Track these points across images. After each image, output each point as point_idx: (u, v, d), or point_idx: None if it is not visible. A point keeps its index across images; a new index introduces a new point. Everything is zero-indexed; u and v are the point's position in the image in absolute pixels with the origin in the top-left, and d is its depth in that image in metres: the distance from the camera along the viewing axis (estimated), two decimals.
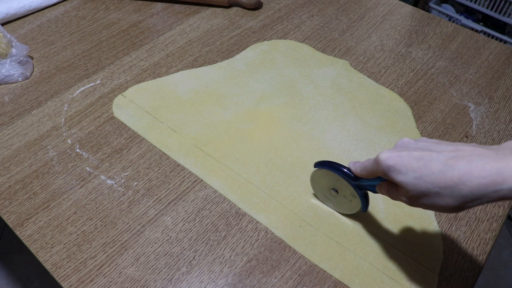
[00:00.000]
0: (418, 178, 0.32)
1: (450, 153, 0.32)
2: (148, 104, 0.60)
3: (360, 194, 0.43)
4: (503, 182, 0.29)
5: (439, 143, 0.34)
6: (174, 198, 0.50)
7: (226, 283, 0.43)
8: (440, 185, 0.31)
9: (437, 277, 0.44)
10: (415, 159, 0.33)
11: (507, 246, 1.28)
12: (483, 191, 0.30)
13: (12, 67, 0.62)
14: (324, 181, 0.47)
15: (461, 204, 0.31)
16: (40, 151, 0.54)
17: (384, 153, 0.35)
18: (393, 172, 0.34)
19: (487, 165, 0.30)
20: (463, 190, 0.30)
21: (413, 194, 0.34)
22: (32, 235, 0.46)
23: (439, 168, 0.31)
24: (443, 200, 0.32)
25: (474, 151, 0.31)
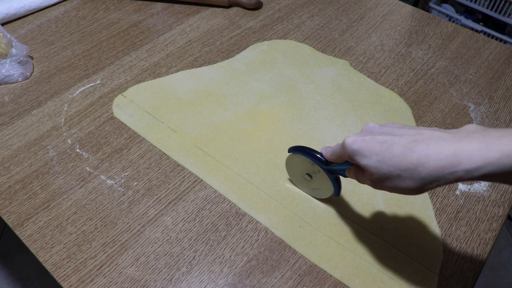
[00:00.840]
0: (381, 161, 0.33)
1: (411, 137, 0.33)
2: (148, 104, 0.60)
3: (332, 178, 0.45)
4: (459, 164, 0.30)
5: (402, 128, 0.35)
6: (174, 198, 0.50)
7: (226, 283, 0.43)
8: (401, 168, 0.32)
9: (437, 277, 0.44)
10: (378, 143, 0.34)
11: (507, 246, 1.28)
12: (440, 173, 0.31)
13: (12, 67, 0.62)
14: (299, 166, 0.48)
15: (421, 186, 0.32)
16: (40, 151, 0.54)
17: (349, 137, 0.36)
18: (357, 156, 0.35)
19: (444, 148, 0.31)
20: (422, 172, 0.32)
21: (376, 177, 0.35)
22: (32, 235, 0.46)
23: (400, 151, 0.32)
24: (404, 182, 0.33)
25: (433, 134, 0.32)
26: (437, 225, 0.48)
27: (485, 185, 0.52)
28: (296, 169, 0.49)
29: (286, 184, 0.51)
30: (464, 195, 0.51)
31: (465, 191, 0.52)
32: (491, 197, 0.51)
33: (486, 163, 0.29)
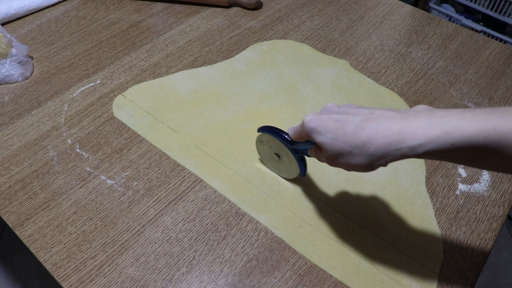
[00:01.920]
0: (334, 138, 0.35)
1: (363, 116, 0.35)
2: (148, 104, 0.60)
3: (297, 158, 0.46)
4: (403, 141, 0.32)
5: (358, 108, 0.37)
6: (174, 198, 0.50)
7: (226, 283, 0.43)
8: (352, 145, 0.34)
9: (437, 277, 0.44)
10: (333, 121, 0.36)
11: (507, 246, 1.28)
12: (387, 150, 0.32)
13: (12, 67, 0.63)
14: (267, 145, 0.50)
15: (370, 162, 0.34)
16: (40, 151, 0.54)
17: (308, 116, 0.38)
18: (314, 133, 0.37)
19: (391, 126, 0.32)
20: (370, 149, 0.33)
21: (330, 153, 0.36)
22: (32, 235, 0.46)
23: (351, 129, 0.34)
24: (355, 158, 0.35)
25: (384, 114, 0.34)
26: (437, 225, 0.48)
27: (485, 185, 0.52)
28: (264, 148, 0.51)
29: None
30: (464, 195, 0.51)
31: (465, 191, 0.52)
32: (491, 197, 0.51)
33: (428, 140, 0.31)
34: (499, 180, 0.53)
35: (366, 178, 0.52)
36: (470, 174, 0.54)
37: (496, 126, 0.29)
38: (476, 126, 0.30)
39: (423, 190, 0.51)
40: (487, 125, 0.30)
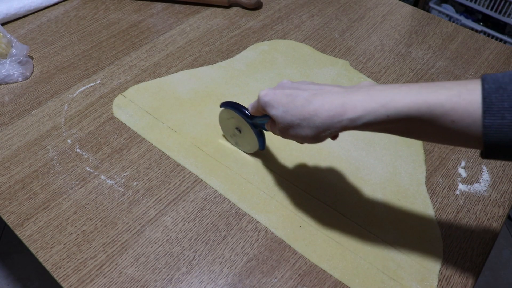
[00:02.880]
0: (285, 111, 0.38)
1: (312, 91, 0.37)
2: (148, 104, 0.60)
3: (256, 132, 0.49)
4: (344, 114, 0.34)
5: (310, 84, 0.39)
6: (174, 198, 0.50)
7: (226, 283, 0.43)
8: (300, 117, 0.37)
9: (437, 277, 0.44)
10: (285, 96, 0.38)
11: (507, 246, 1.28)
12: (330, 122, 0.35)
13: (12, 67, 0.63)
14: (229, 121, 0.52)
15: (317, 134, 0.37)
16: (40, 151, 0.54)
17: (263, 91, 0.41)
18: (268, 107, 0.40)
19: (335, 100, 0.35)
20: (316, 121, 0.36)
21: (282, 126, 0.39)
22: (32, 235, 0.46)
23: (301, 103, 0.37)
24: (303, 130, 0.37)
25: (332, 89, 0.37)
26: (437, 225, 0.48)
27: (485, 185, 0.53)
28: (227, 123, 0.53)
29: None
30: (464, 195, 0.51)
31: (465, 191, 0.52)
32: (491, 197, 0.51)
33: (366, 112, 0.34)
34: (499, 180, 0.53)
35: (366, 178, 0.52)
36: (470, 174, 0.54)
37: (427, 99, 0.32)
38: (409, 100, 0.32)
39: (423, 190, 0.51)
40: (418, 99, 0.32)
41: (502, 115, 0.29)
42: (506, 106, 0.29)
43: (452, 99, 0.31)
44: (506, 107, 0.29)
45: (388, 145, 0.56)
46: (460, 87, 0.31)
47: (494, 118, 0.30)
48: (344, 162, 0.54)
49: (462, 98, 0.31)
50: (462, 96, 0.31)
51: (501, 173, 0.54)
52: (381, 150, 0.56)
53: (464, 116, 0.31)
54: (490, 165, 0.55)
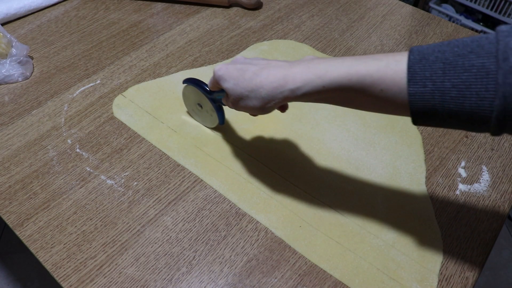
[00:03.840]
0: (236, 84, 0.40)
1: (260, 66, 0.40)
2: (148, 104, 0.60)
3: (215, 106, 0.51)
4: (285, 85, 0.37)
5: (260, 59, 0.42)
6: (174, 198, 0.50)
7: (226, 283, 0.43)
8: (248, 89, 0.39)
9: (437, 277, 0.44)
10: (236, 70, 0.41)
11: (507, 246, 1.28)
12: (273, 93, 0.38)
13: (12, 67, 0.63)
14: (191, 96, 0.55)
15: (263, 105, 0.39)
16: (40, 151, 0.54)
17: (217, 65, 0.43)
18: (221, 80, 0.42)
19: (278, 73, 0.38)
20: (262, 93, 0.39)
21: (233, 97, 0.41)
22: (32, 235, 0.46)
23: (249, 76, 0.39)
24: (251, 101, 0.40)
25: (277, 64, 0.39)
26: (437, 225, 0.48)
27: (485, 185, 0.53)
28: (189, 99, 0.56)
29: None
30: (464, 195, 0.51)
31: (465, 191, 0.52)
32: (491, 197, 0.51)
33: (304, 83, 0.36)
34: (499, 180, 0.53)
35: (366, 178, 0.52)
36: (470, 174, 0.54)
37: (357, 70, 0.34)
38: (342, 71, 0.35)
39: (423, 190, 0.51)
40: (350, 69, 0.34)
41: (424, 84, 0.31)
42: (427, 75, 0.31)
43: (380, 69, 0.33)
44: (427, 76, 0.31)
45: (388, 145, 0.56)
46: (389, 58, 0.33)
47: (417, 86, 0.32)
48: (344, 162, 0.54)
49: (390, 69, 0.33)
50: (390, 67, 0.33)
51: (501, 173, 0.54)
52: (381, 150, 0.56)
53: (391, 85, 0.33)
54: (490, 165, 0.55)
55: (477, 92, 0.30)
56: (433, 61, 0.31)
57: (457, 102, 0.31)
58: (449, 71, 0.30)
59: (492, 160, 0.55)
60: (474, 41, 0.31)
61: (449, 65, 0.31)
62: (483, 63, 0.29)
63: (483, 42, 0.30)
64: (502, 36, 0.29)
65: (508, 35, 0.29)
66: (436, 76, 0.31)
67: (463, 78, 0.30)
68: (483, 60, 0.29)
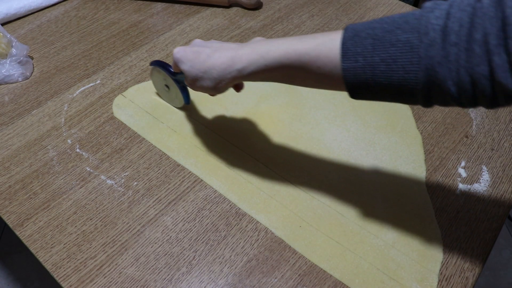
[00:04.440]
0: (192, 66, 0.43)
1: (214, 48, 0.42)
2: (148, 104, 0.60)
3: (179, 87, 0.54)
4: (233, 65, 0.39)
5: (215, 42, 0.44)
6: (174, 198, 0.50)
7: (226, 283, 0.43)
8: (202, 70, 0.42)
9: (437, 277, 0.44)
10: (192, 52, 0.43)
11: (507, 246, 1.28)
12: (223, 73, 0.40)
13: (12, 67, 0.63)
14: (159, 78, 0.57)
15: (215, 85, 0.42)
16: (40, 151, 0.54)
17: (176, 48, 0.45)
18: (179, 63, 0.44)
19: (228, 54, 0.40)
20: (213, 73, 0.41)
21: (190, 78, 0.44)
22: (32, 235, 0.46)
23: (203, 58, 0.42)
24: (205, 82, 0.42)
25: (229, 46, 0.41)
26: (437, 225, 0.48)
27: (485, 185, 0.53)
28: (157, 81, 0.58)
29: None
30: (464, 195, 0.51)
31: (465, 191, 0.52)
32: (491, 197, 0.51)
33: (249, 63, 0.39)
34: (499, 180, 0.53)
35: (366, 178, 0.52)
36: (470, 174, 0.54)
37: (296, 49, 0.36)
38: (282, 50, 0.37)
39: (423, 190, 0.51)
40: (289, 48, 0.37)
41: (356, 59, 0.33)
42: (359, 51, 0.33)
43: (317, 47, 0.35)
44: (359, 52, 0.33)
45: (388, 145, 0.56)
46: (325, 37, 0.35)
47: (350, 62, 0.33)
48: (344, 162, 0.54)
49: (325, 46, 0.35)
50: (325, 45, 0.35)
51: (501, 173, 0.54)
52: (381, 150, 0.56)
53: (326, 62, 0.35)
54: (490, 165, 0.55)
55: (403, 65, 0.31)
56: (364, 38, 0.33)
57: (386, 75, 0.32)
58: (378, 46, 0.32)
59: (492, 160, 0.55)
60: (402, 17, 0.32)
61: (378, 40, 0.32)
62: (408, 38, 0.31)
63: (409, 18, 0.32)
64: (425, 12, 0.31)
65: (430, 10, 0.31)
66: (366, 52, 0.33)
67: (390, 53, 0.32)
68: (408, 35, 0.31)
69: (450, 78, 0.30)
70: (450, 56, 0.30)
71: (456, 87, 0.30)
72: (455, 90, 0.30)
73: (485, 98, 0.30)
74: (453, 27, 0.30)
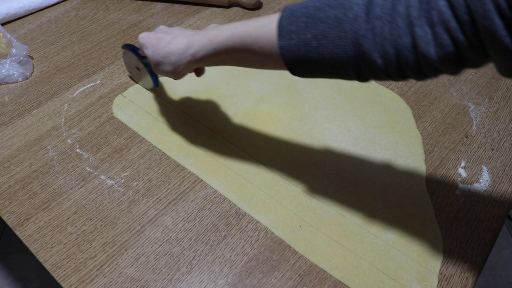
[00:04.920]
0: (154, 51, 0.45)
1: (174, 35, 0.44)
2: (148, 104, 0.60)
3: (148, 70, 0.56)
4: (187, 50, 0.42)
5: (177, 29, 0.47)
6: (174, 198, 0.50)
7: (226, 283, 0.43)
8: (162, 56, 0.44)
9: (437, 277, 0.44)
10: (155, 38, 0.45)
11: (507, 246, 1.28)
12: (179, 58, 0.43)
13: (12, 67, 0.63)
14: (130, 62, 0.60)
15: (174, 69, 0.45)
16: (40, 151, 0.54)
17: (141, 34, 0.48)
18: (143, 47, 0.47)
19: (184, 40, 0.43)
20: (172, 59, 0.44)
21: (153, 63, 0.46)
22: (32, 235, 0.46)
23: (164, 44, 0.44)
24: (166, 66, 0.45)
25: (187, 33, 0.44)
26: (437, 225, 0.48)
27: (485, 185, 0.53)
28: (129, 63, 0.61)
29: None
30: (464, 195, 0.51)
31: (465, 191, 0.52)
32: (491, 197, 0.51)
33: (200, 48, 0.41)
34: (499, 180, 0.53)
35: (366, 178, 0.52)
36: (470, 174, 0.54)
37: (239, 32, 0.38)
38: (227, 33, 0.39)
39: (423, 190, 0.51)
40: (234, 32, 0.39)
41: (290, 37, 0.35)
42: (293, 29, 0.35)
43: (257, 29, 0.37)
44: (293, 30, 0.35)
45: (388, 145, 0.56)
46: (265, 19, 0.37)
47: (285, 39, 0.35)
48: (344, 162, 0.54)
49: (264, 27, 0.37)
50: (265, 26, 0.37)
51: (501, 173, 0.54)
52: (381, 150, 0.56)
53: (266, 42, 0.37)
54: (490, 165, 0.55)
55: (332, 40, 0.33)
56: (299, 16, 0.35)
57: (317, 51, 0.34)
58: (310, 23, 0.34)
59: (492, 160, 0.55)
60: None
61: (310, 18, 0.34)
62: (335, 14, 0.33)
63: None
64: None
65: None
66: (299, 29, 0.34)
67: (320, 29, 0.33)
68: (336, 11, 0.33)
69: (375, 50, 0.31)
70: (375, 29, 0.31)
71: (382, 59, 0.32)
72: (381, 62, 0.32)
73: (411, 69, 0.32)
74: (378, 1, 0.31)
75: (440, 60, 0.30)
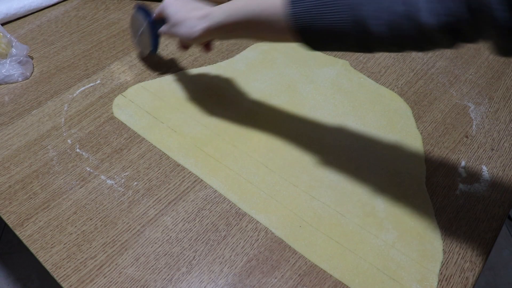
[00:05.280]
0: (176, 12, 0.51)
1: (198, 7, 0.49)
2: (148, 104, 0.60)
3: (152, 34, 0.59)
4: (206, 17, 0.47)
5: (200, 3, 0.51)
6: (174, 198, 0.50)
7: (226, 283, 0.43)
8: (182, 18, 0.50)
9: (437, 277, 0.44)
10: (183, 2, 0.51)
11: (507, 246, 1.28)
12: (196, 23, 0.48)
13: (12, 67, 0.63)
14: (136, 24, 0.62)
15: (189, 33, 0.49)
16: (40, 151, 0.54)
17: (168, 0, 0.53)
18: (167, 6, 0.52)
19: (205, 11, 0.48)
20: (190, 23, 0.49)
21: (172, 21, 0.51)
22: (32, 235, 0.46)
23: (188, 9, 0.50)
24: (182, 28, 0.50)
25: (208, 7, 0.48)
26: (437, 225, 0.48)
27: (485, 185, 0.53)
28: (134, 26, 0.63)
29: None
30: (464, 195, 0.51)
31: (465, 191, 0.52)
32: (491, 197, 0.51)
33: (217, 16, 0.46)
34: (499, 180, 0.53)
35: (366, 178, 0.52)
36: (470, 174, 0.54)
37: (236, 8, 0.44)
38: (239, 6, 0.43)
39: (423, 190, 0.51)
40: (230, 8, 0.44)
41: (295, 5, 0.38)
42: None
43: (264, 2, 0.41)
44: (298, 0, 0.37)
45: (388, 145, 0.56)
46: None
47: (292, 8, 0.38)
48: (344, 162, 0.54)
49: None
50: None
51: (501, 173, 0.54)
52: (381, 150, 0.56)
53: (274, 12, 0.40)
54: (490, 165, 0.55)
55: (331, 9, 0.35)
56: None
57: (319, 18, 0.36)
58: None
59: (492, 160, 0.55)
60: None
61: None
62: None
63: None
64: None
65: None
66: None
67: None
68: None
69: (373, 17, 0.33)
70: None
71: (378, 26, 0.33)
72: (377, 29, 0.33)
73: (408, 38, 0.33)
74: None
75: (438, 29, 0.31)
